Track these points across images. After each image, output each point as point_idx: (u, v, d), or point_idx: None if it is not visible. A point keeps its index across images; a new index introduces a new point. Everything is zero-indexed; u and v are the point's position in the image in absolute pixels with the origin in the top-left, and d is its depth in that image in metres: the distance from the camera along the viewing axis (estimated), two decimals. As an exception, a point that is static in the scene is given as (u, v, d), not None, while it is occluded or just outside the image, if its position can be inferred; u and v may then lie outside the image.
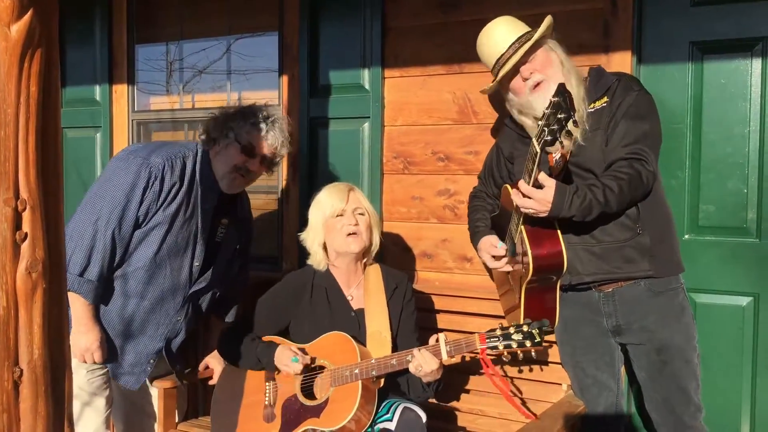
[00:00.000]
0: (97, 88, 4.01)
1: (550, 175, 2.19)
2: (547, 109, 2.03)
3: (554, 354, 2.81)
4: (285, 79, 3.51)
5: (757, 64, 2.64)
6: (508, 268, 2.50)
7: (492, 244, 2.53)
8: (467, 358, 2.92)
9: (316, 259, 2.67)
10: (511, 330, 2.37)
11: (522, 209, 2.22)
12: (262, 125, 2.63)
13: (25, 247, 1.46)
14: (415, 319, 2.70)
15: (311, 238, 2.67)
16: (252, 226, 3.07)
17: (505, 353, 2.39)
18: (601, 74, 2.46)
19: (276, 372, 2.56)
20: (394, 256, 3.23)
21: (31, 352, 1.49)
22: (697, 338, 2.45)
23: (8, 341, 1.46)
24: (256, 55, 3.74)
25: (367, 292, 2.64)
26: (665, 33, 2.75)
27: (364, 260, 2.67)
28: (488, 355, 2.38)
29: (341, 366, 2.44)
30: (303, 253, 3.39)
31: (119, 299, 2.58)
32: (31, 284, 1.47)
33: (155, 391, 2.87)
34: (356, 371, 2.40)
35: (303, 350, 2.52)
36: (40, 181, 1.49)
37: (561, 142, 2.06)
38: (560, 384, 2.81)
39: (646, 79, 2.75)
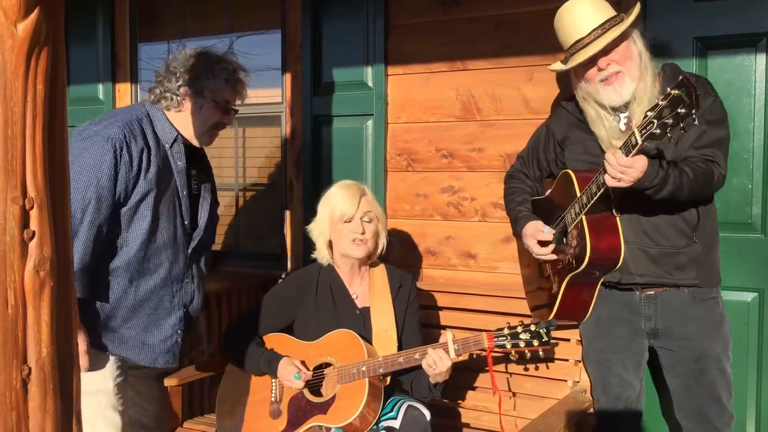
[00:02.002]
0: (100, 87, 4.01)
1: None
2: (662, 100, 1.96)
3: (559, 351, 2.82)
4: (288, 76, 3.51)
5: (761, 59, 2.64)
6: (552, 256, 2.44)
7: (538, 229, 2.46)
8: (474, 356, 2.92)
9: (320, 254, 2.68)
10: (519, 329, 2.38)
11: (611, 179, 2.11)
12: (234, 79, 2.55)
13: (32, 245, 1.46)
14: (419, 317, 2.71)
15: (317, 232, 2.67)
16: (211, 168, 2.91)
17: (513, 352, 2.40)
18: (676, 72, 2.35)
19: None
20: (398, 254, 3.23)
21: (39, 350, 1.49)
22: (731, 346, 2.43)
23: (16, 339, 1.46)
24: (259, 52, 3.74)
25: (372, 291, 2.64)
26: (669, 29, 2.75)
27: (369, 261, 2.67)
28: (495, 353, 2.39)
29: (348, 363, 2.44)
30: (307, 251, 3.41)
31: (129, 287, 2.45)
32: (39, 282, 1.47)
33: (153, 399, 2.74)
34: (363, 368, 2.40)
35: (303, 363, 2.51)
36: (48, 179, 1.49)
37: (669, 138, 2.00)
38: (565, 380, 2.81)
39: (650, 76, 2.75)
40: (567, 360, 2.82)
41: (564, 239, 2.41)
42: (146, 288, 2.46)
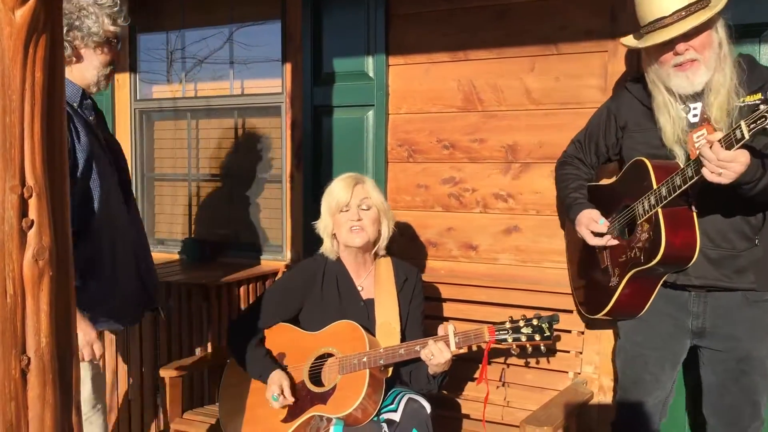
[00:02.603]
0: (99, 77, 3.98)
1: None
2: None
3: (561, 343, 2.81)
4: (288, 67, 3.49)
5: (765, 49, 2.62)
6: (612, 242, 2.36)
7: (593, 218, 2.37)
8: (476, 347, 2.92)
9: (327, 248, 2.67)
10: (521, 323, 2.37)
11: (711, 175, 1.97)
12: (116, 11, 2.44)
13: (31, 234, 1.45)
14: (422, 310, 2.70)
15: (322, 227, 2.68)
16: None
17: (514, 346, 2.39)
18: (754, 65, 2.23)
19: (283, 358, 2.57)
20: (398, 245, 3.21)
21: (38, 341, 1.48)
22: None
23: (15, 329, 1.44)
24: (259, 43, 3.71)
25: (377, 283, 2.64)
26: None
27: (374, 251, 2.66)
28: (495, 347, 2.38)
29: (349, 354, 2.44)
30: (308, 243, 3.41)
31: (97, 263, 2.36)
32: (38, 272, 1.46)
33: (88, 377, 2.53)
34: (364, 359, 2.40)
35: (293, 381, 2.48)
36: (46, 168, 1.48)
37: None
38: (566, 372, 2.80)
39: (653, 66, 2.73)
40: (568, 352, 2.81)
41: (629, 231, 2.31)
42: (108, 262, 2.38)
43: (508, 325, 2.40)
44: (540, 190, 2.97)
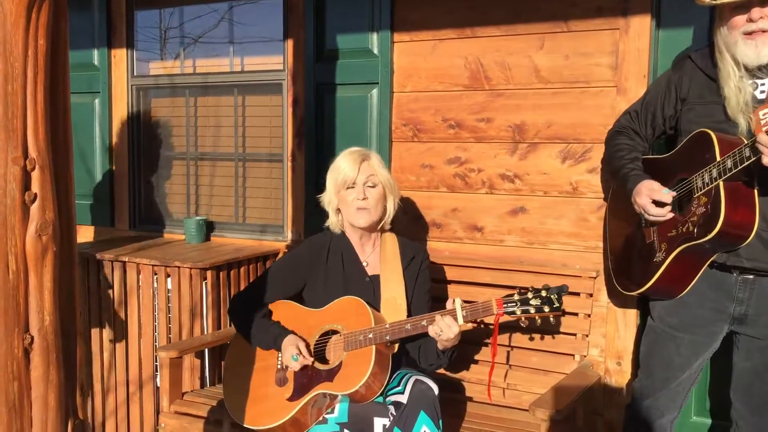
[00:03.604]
0: (95, 53, 3.91)
1: None
2: None
3: (567, 326, 2.78)
4: (290, 43, 3.42)
5: None
6: (669, 215, 2.23)
7: (654, 189, 2.23)
8: (482, 325, 2.88)
9: (333, 222, 2.64)
10: (529, 295, 2.32)
11: None
12: None
13: (34, 208, 1.40)
14: (429, 288, 2.66)
15: (327, 201, 2.64)
16: None
17: (523, 318, 2.34)
18: None
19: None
20: (402, 226, 3.16)
21: (41, 319, 1.43)
22: None
23: (18, 307, 1.39)
24: (260, 18, 3.63)
25: (383, 259, 2.60)
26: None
27: (379, 227, 2.62)
28: (505, 318, 2.33)
29: (355, 330, 2.40)
30: (309, 223, 3.37)
31: None
32: (41, 247, 1.40)
33: None
34: (370, 335, 2.36)
35: (308, 345, 2.46)
36: (50, 139, 1.42)
37: None
38: (572, 355, 2.78)
39: (665, 44, 2.68)
40: (574, 335, 2.78)
41: (681, 207, 2.21)
42: None
43: (516, 297, 2.34)
44: (547, 170, 2.92)
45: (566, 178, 2.89)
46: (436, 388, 2.33)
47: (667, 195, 2.21)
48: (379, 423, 2.34)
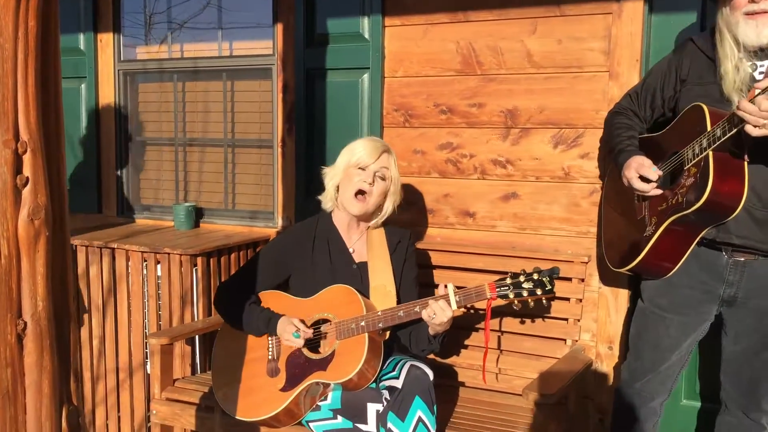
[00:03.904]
0: (81, 37, 3.85)
1: None
2: None
3: (558, 310, 2.78)
4: (280, 27, 3.38)
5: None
6: (655, 191, 2.25)
7: (643, 164, 2.25)
8: (472, 311, 2.89)
9: (327, 197, 2.61)
10: (522, 278, 2.32)
11: (754, 129, 1.92)
12: None
13: (26, 192, 1.37)
14: (416, 274, 2.65)
15: (330, 175, 2.59)
16: None
17: (516, 302, 2.34)
18: None
19: None
20: (393, 212, 3.15)
21: (35, 304, 1.41)
22: None
23: (11, 292, 1.37)
24: (249, 2, 3.59)
25: (370, 247, 2.58)
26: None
27: (371, 223, 2.60)
28: (498, 302, 2.33)
29: (346, 319, 2.39)
30: (300, 209, 3.35)
31: None
32: (33, 232, 1.38)
33: None
34: (362, 323, 2.35)
35: (303, 321, 2.45)
36: (41, 122, 1.39)
37: None
38: (564, 340, 2.79)
39: (657, 28, 2.68)
40: (566, 320, 2.79)
41: (673, 181, 2.21)
42: None
43: (508, 280, 2.34)
44: (539, 156, 2.92)
45: (558, 163, 2.89)
46: (431, 374, 2.32)
47: (654, 173, 2.23)
48: (373, 408, 2.34)
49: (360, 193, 2.49)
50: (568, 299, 2.79)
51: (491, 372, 2.85)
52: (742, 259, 2.22)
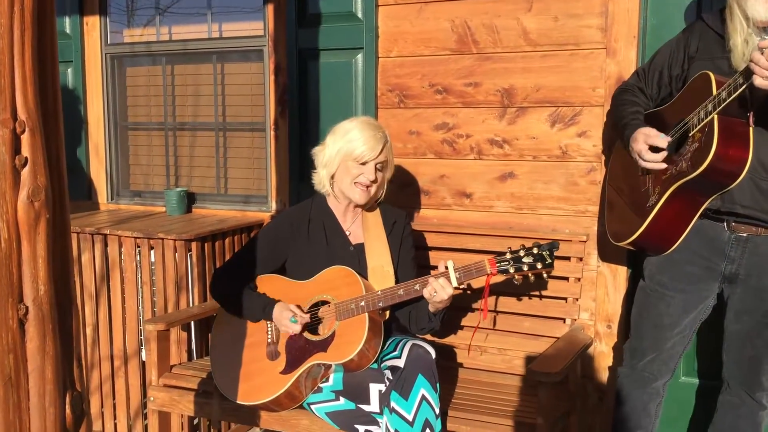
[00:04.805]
0: (67, 20, 3.78)
1: None
2: None
3: (557, 289, 2.78)
4: (270, 7, 3.33)
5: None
6: (662, 165, 2.23)
7: (649, 134, 2.23)
8: (469, 292, 2.87)
9: (319, 180, 2.56)
10: (521, 253, 2.30)
11: (761, 80, 1.90)
12: None
13: (25, 173, 1.33)
14: (414, 254, 2.64)
15: (325, 162, 2.52)
16: None
17: (517, 276, 2.33)
18: None
19: None
20: (389, 194, 3.10)
21: (36, 288, 1.37)
22: None
23: (11, 276, 1.33)
24: (238, -17, 3.54)
25: (366, 228, 2.56)
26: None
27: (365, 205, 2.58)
28: (498, 278, 2.31)
29: (346, 299, 2.37)
30: (294, 192, 3.31)
31: None
32: (33, 214, 1.34)
33: None
34: (362, 304, 2.33)
35: (300, 307, 2.43)
36: (39, 100, 1.35)
37: None
38: (563, 319, 2.78)
39: (654, 4, 2.66)
40: (565, 299, 2.78)
41: (680, 147, 2.20)
42: None
43: (508, 255, 2.32)
44: (536, 135, 2.90)
45: (555, 142, 2.87)
46: (433, 352, 2.31)
47: (662, 140, 2.22)
48: (375, 389, 2.33)
49: (363, 186, 2.46)
50: (566, 278, 2.78)
51: (490, 353, 2.85)
52: (745, 234, 2.21)
